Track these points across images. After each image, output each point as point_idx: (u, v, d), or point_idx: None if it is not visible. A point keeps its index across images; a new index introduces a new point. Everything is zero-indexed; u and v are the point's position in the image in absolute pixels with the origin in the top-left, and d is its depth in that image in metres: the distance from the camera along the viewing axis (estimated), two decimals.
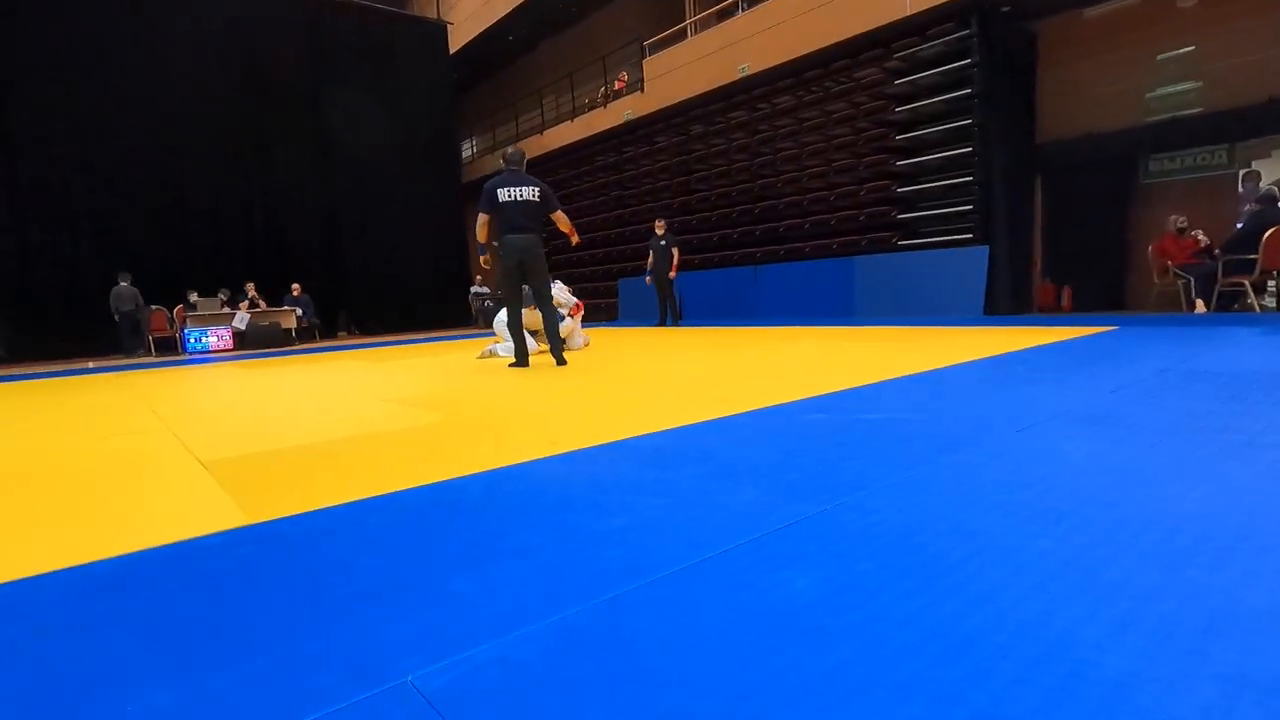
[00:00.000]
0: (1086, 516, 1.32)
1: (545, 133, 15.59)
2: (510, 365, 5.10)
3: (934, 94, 8.79)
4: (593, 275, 14.80)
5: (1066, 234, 9.26)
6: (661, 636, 0.94)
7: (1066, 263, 9.25)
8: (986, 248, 8.26)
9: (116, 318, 10.64)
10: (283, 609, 1.10)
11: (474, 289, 15.84)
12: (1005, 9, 8.30)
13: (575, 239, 5.55)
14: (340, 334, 14.42)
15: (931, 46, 8.68)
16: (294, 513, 1.63)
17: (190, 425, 3.17)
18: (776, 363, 4.42)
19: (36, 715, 0.83)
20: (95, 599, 1.18)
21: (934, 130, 8.80)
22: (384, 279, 15.09)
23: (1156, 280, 7.63)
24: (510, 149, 5.20)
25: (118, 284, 10.82)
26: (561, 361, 5.07)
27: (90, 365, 9.28)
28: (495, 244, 4.96)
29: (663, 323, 10.10)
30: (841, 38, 9.30)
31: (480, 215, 4.92)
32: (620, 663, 0.88)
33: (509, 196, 4.85)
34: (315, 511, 1.63)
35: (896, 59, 9.04)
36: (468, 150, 20.02)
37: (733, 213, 11.63)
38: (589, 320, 14.00)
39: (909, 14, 8.50)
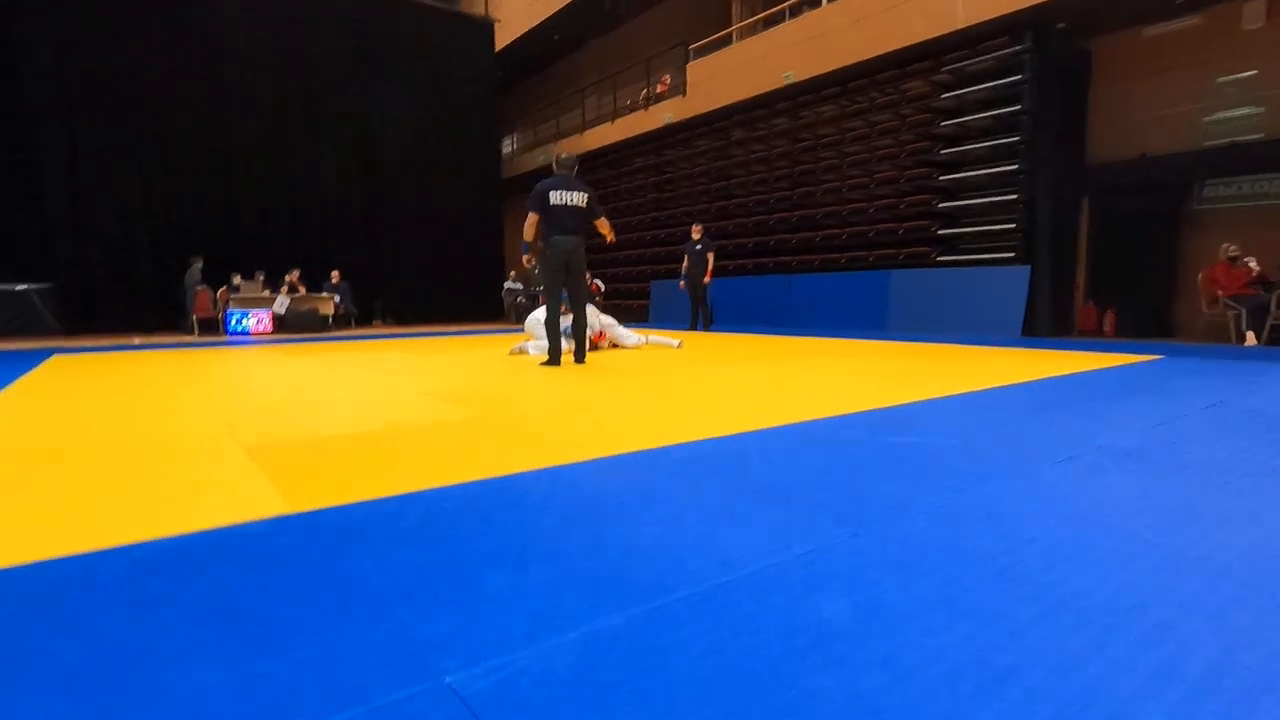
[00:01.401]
0: (1127, 557, 1.30)
1: (585, 133, 15.68)
2: (541, 364, 5.16)
3: (982, 109, 8.65)
4: (625, 276, 14.85)
5: (1112, 257, 9.02)
6: (692, 654, 0.95)
7: (1111, 286, 9.01)
8: (1028, 267, 8.10)
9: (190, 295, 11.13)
10: (323, 600, 1.13)
11: (507, 284, 16.00)
12: (1061, 26, 8.13)
13: (611, 238, 5.63)
14: (375, 322, 14.68)
15: (982, 61, 8.54)
16: (333, 504, 1.67)
17: (232, 406, 3.26)
18: (808, 376, 4.39)
19: (92, 688, 0.87)
20: (147, 578, 1.23)
21: (980, 146, 8.66)
22: (420, 270, 15.32)
23: (1206, 309, 7.40)
24: (563, 153, 5.29)
25: (190, 266, 11.25)
26: (580, 360, 5.23)
27: (136, 341, 9.59)
28: (540, 244, 5.04)
29: (694, 327, 10.10)
30: (890, 49, 9.20)
31: (530, 215, 4.96)
32: (652, 679, 0.89)
33: (560, 200, 4.95)
34: (353, 505, 1.67)
35: (945, 72, 8.92)
36: (508, 147, 20.22)
37: (770, 220, 11.57)
38: (623, 322, 14.04)
39: (961, 27, 8.37)
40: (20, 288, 10.81)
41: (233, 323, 10.97)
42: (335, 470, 2.02)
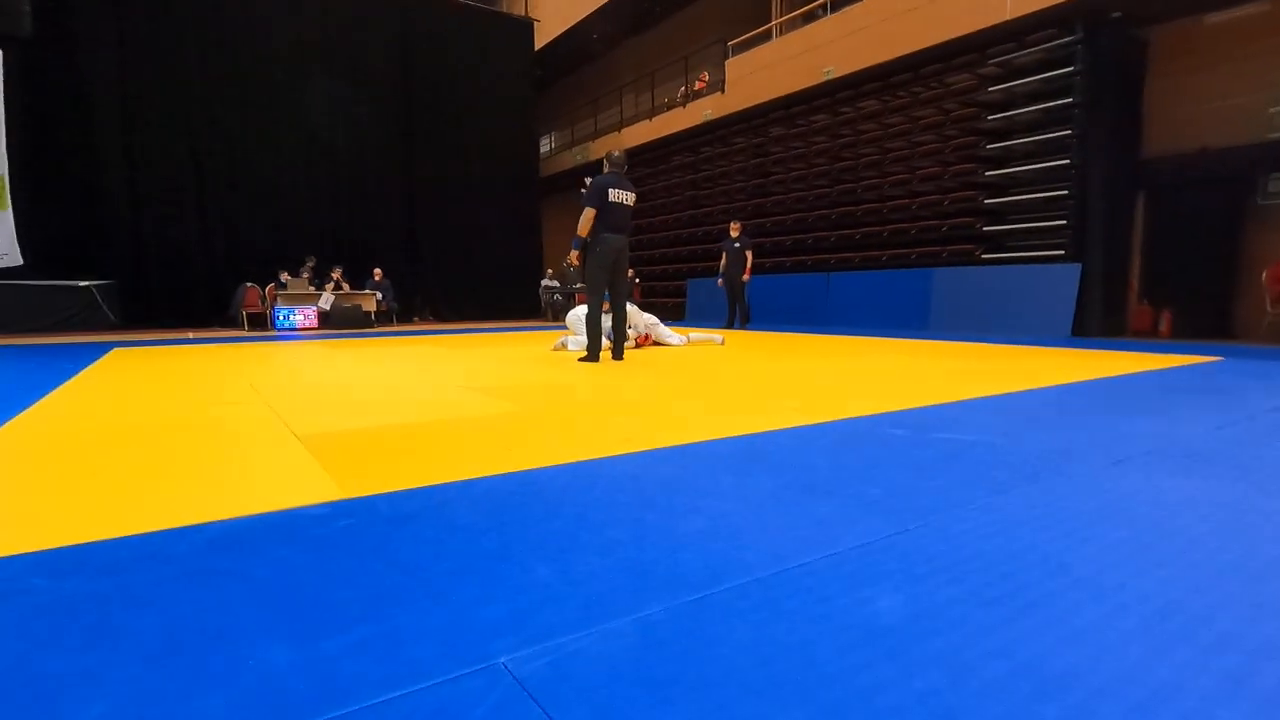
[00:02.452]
0: (1193, 561, 1.26)
1: (623, 130, 15.72)
2: (580, 359, 5.21)
3: (1031, 102, 8.41)
4: (663, 274, 14.85)
5: (1169, 254, 8.69)
6: (744, 643, 0.95)
7: (1167, 285, 8.67)
8: (1079, 265, 7.85)
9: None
10: (380, 582, 1.17)
11: (544, 282, 16.13)
12: (1116, 15, 7.85)
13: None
14: (415, 319, 14.96)
15: (1031, 53, 8.30)
16: (383, 491, 1.72)
17: (283, 399, 3.37)
18: (848, 373, 4.33)
19: (171, 660, 0.91)
20: (214, 557, 1.28)
21: (1028, 140, 8.42)
22: (458, 268, 15.55)
23: (1270, 309, 7.08)
24: (616, 151, 5.30)
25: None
26: (619, 356, 5.27)
27: (189, 335, 9.95)
28: (591, 241, 5.04)
29: (730, 325, 10.05)
30: (934, 42, 9.01)
31: (587, 210, 4.95)
32: (705, 666, 0.90)
33: (616, 198, 4.99)
34: (403, 491, 1.71)
35: (992, 64, 8.69)
36: (546, 146, 20.39)
37: (808, 217, 11.44)
38: (663, 319, 14.04)
39: (1008, 19, 8.15)
40: (83, 284, 11.29)
41: (280, 319, 11.29)
42: (385, 459, 2.07)
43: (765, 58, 11.74)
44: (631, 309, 6.75)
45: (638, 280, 14.34)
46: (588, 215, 4.96)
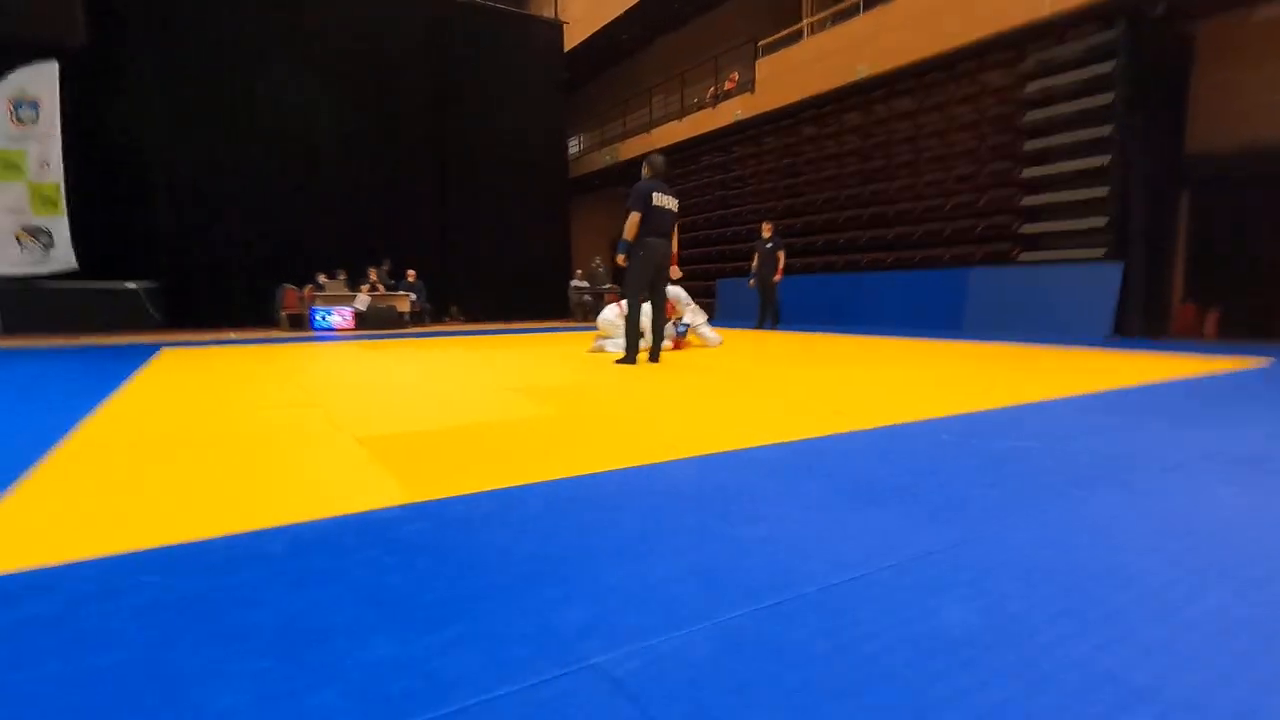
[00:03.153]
0: (1263, 573, 1.26)
1: (653, 131, 15.76)
2: (616, 361, 5.27)
3: (1071, 99, 8.27)
4: (692, 275, 14.86)
5: (1215, 253, 8.46)
6: (820, 651, 0.99)
7: (1213, 285, 8.45)
8: (1120, 265, 7.70)
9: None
10: (463, 583, 1.22)
11: (574, 283, 16.24)
12: (1160, 9, 7.68)
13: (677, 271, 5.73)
14: (446, 319, 15.18)
15: (1071, 48, 8.16)
16: (449, 494, 1.78)
17: (334, 401, 3.47)
18: (886, 377, 4.33)
19: (286, 655, 0.98)
20: (306, 558, 1.35)
21: (1068, 139, 8.27)
22: (489, 268, 15.75)
23: None
24: (657, 157, 5.39)
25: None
26: (655, 359, 5.35)
27: (232, 336, 10.23)
28: (635, 245, 5.11)
29: (761, 325, 10.04)
30: (970, 39, 8.90)
31: (633, 214, 5.02)
32: (785, 671, 0.93)
33: (660, 202, 5.08)
34: (468, 495, 1.78)
35: (1031, 61, 8.56)
36: (575, 146, 20.52)
37: (839, 218, 11.38)
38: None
39: (1048, 14, 8.02)
40: (129, 285, 11.67)
41: (318, 319, 11.55)
42: (442, 462, 2.14)
43: (796, 57, 11.69)
44: (682, 296, 6.79)
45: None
46: (633, 220, 5.01)
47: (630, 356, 5.20)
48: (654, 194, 5.04)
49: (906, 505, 1.67)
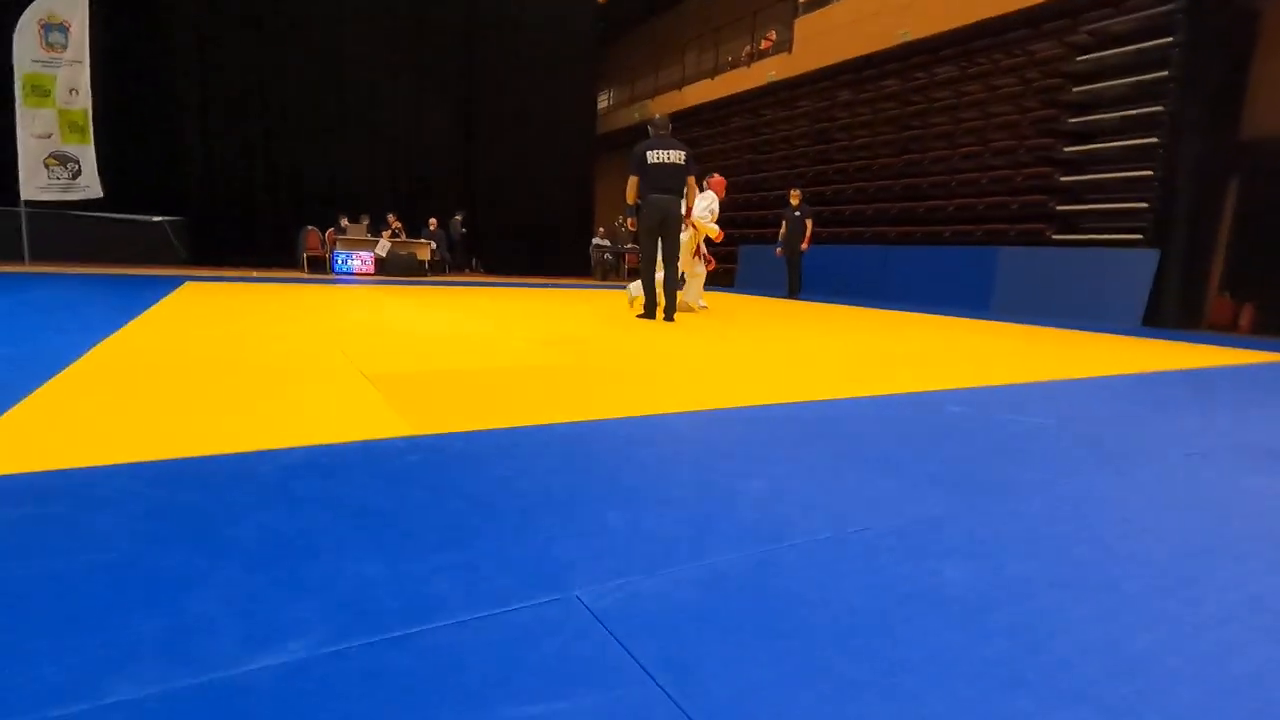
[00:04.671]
0: (1277, 559, 1.21)
1: (684, 89, 15.40)
2: (638, 316, 5.30)
3: (1122, 75, 7.91)
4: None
5: (1259, 245, 8.16)
6: (810, 599, 0.97)
7: (1253, 277, 8.17)
8: (1157, 251, 7.46)
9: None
10: (456, 514, 1.22)
11: (595, 241, 16.12)
12: None
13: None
14: (466, 270, 15.17)
15: (1127, 20, 7.78)
16: (451, 430, 1.77)
17: (348, 339, 3.48)
18: (904, 348, 4.25)
19: (274, 569, 0.97)
20: (298, 481, 1.35)
21: (1115, 115, 7.95)
22: (512, 222, 15.65)
23: None
24: (657, 115, 5.48)
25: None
26: (670, 319, 5.31)
27: (254, 274, 10.31)
28: (639, 204, 5.22)
29: (792, 294, 9.88)
30: (1022, 6, 8.51)
31: (630, 178, 5.15)
32: (771, 616, 0.91)
33: (657, 159, 5.14)
34: (471, 432, 1.77)
35: (1084, 32, 8.18)
36: (604, 102, 20.13)
37: (870, 188, 11.11)
38: (710, 284, 13.95)
39: None
40: (156, 219, 11.77)
41: (339, 262, 11.59)
42: (450, 400, 2.13)
43: (837, 17, 11.28)
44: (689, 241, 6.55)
45: (713, 263, 14.20)
46: (631, 183, 5.17)
47: (649, 312, 5.24)
48: (649, 152, 5.12)
49: (912, 472, 1.63)
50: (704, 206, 6.23)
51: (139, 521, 1.11)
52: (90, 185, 9.52)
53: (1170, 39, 7.43)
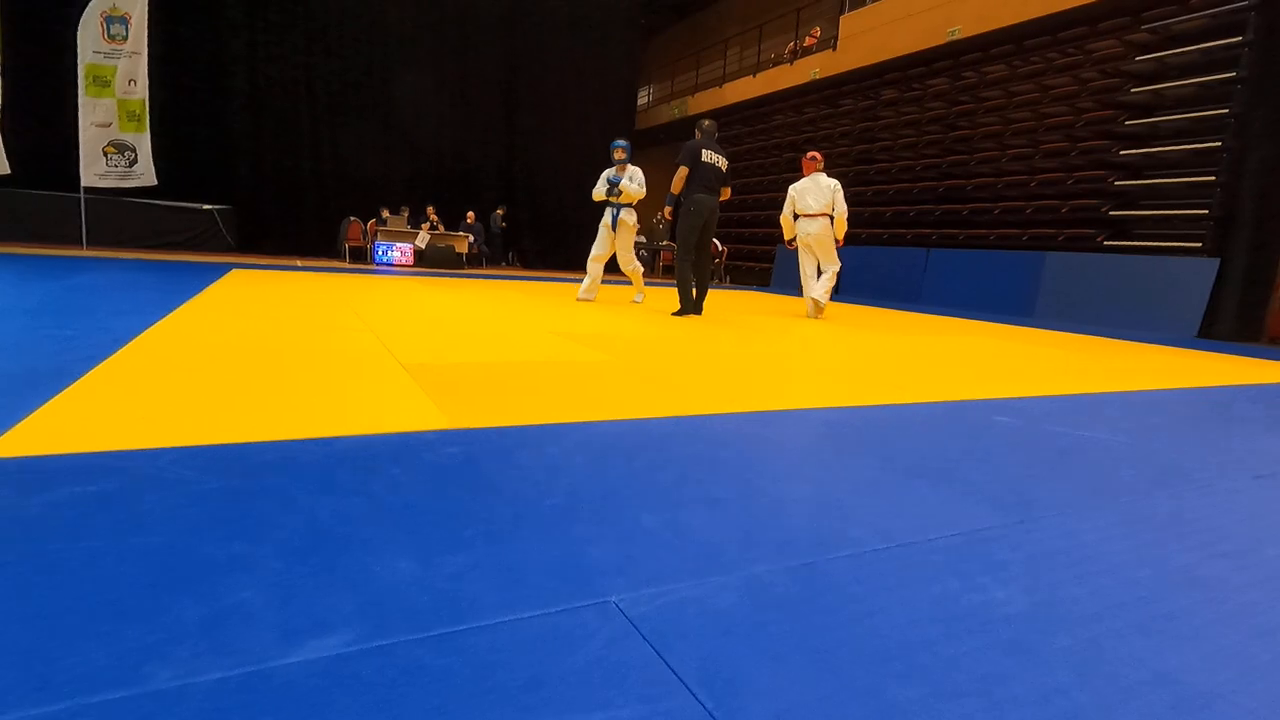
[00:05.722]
0: None
1: (725, 85, 15.28)
2: (673, 314, 5.35)
3: (1186, 75, 7.60)
4: (751, 238, 14.54)
5: None
6: (855, 614, 0.93)
7: None
8: (1217, 260, 7.15)
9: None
10: (491, 511, 1.21)
11: None
12: None
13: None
14: (503, 264, 15.30)
15: (1194, 19, 7.46)
16: (488, 425, 1.77)
17: (388, 329, 3.52)
18: (945, 353, 4.14)
19: (312, 559, 0.98)
20: (338, 471, 1.36)
21: (1177, 118, 7.63)
22: (550, 216, 15.72)
23: None
24: (706, 122, 5.62)
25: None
26: (699, 311, 5.47)
27: (298, 263, 10.54)
28: (682, 199, 5.33)
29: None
30: (1079, 3, 8.22)
31: (681, 168, 5.26)
32: (815, 631, 0.88)
33: (709, 159, 5.30)
34: (508, 427, 1.76)
35: (1145, 30, 7.87)
36: (643, 98, 20.09)
37: (913, 188, 10.87)
38: (744, 284, 13.85)
39: None
40: (205, 207, 12.12)
41: (379, 254, 11.79)
42: (486, 394, 2.14)
43: (885, 13, 11.05)
44: (628, 247, 6.40)
45: (724, 249, 14.12)
46: (681, 173, 5.28)
47: (685, 308, 5.30)
48: (703, 151, 5.26)
49: (959, 484, 1.58)
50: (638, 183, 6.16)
51: (184, 506, 1.13)
52: (145, 173, 9.84)
53: (1239, 38, 7.10)
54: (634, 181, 5.93)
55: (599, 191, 5.99)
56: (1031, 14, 8.75)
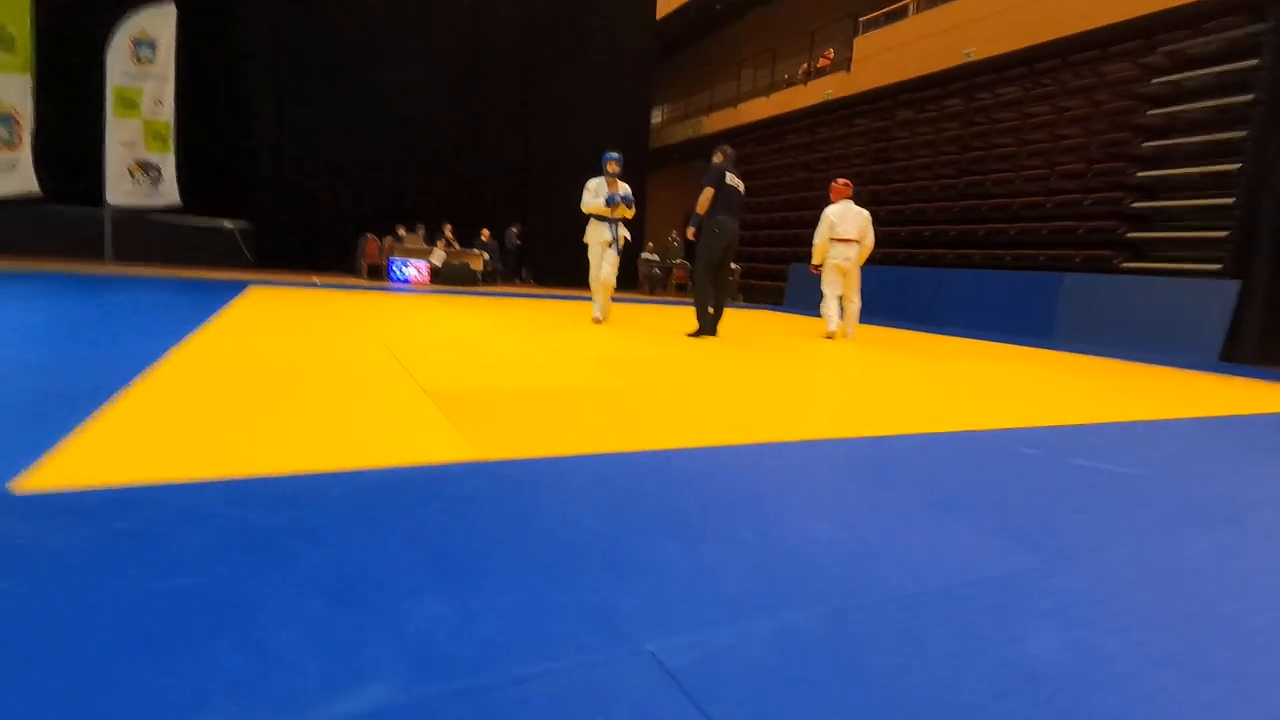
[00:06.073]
0: None
1: (739, 106, 15.40)
2: (689, 334, 5.38)
3: (1201, 98, 7.58)
4: (765, 257, 14.56)
5: None
6: (890, 666, 0.92)
7: None
8: (1237, 283, 7.08)
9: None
10: (520, 548, 1.21)
11: (644, 255, 16.18)
12: None
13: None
14: (517, 281, 15.40)
15: (1208, 42, 7.45)
16: (512, 456, 1.77)
17: (407, 351, 3.55)
18: (964, 378, 4.11)
19: (345, 601, 0.98)
20: (367, 504, 1.36)
21: (1193, 140, 7.60)
22: (564, 234, 15.81)
23: None
24: (728, 147, 5.69)
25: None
26: (714, 331, 5.49)
27: (315, 280, 10.66)
28: (704, 220, 5.39)
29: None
30: (1092, 26, 8.24)
31: (707, 189, 5.32)
32: (850, 683, 0.87)
33: (732, 182, 5.40)
34: (532, 459, 1.77)
35: (1159, 54, 7.87)
36: (656, 117, 20.26)
37: (927, 209, 10.87)
38: (756, 302, 13.85)
39: (1186, 2, 7.33)
40: (227, 225, 12.32)
41: (395, 271, 11.90)
42: (509, 421, 2.14)
43: (899, 35, 11.13)
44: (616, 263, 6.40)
45: (737, 267, 14.14)
46: (707, 194, 5.33)
47: (703, 329, 5.42)
48: (727, 174, 5.34)
49: (988, 519, 1.56)
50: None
51: (220, 543, 1.14)
52: (170, 191, 10.02)
53: (1255, 61, 7.08)
54: (629, 198, 6.04)
55: (596, 204, 5.97)
56: (1044, 37, 8.79)
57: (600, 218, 5.96)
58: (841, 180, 6.59)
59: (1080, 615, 1.12)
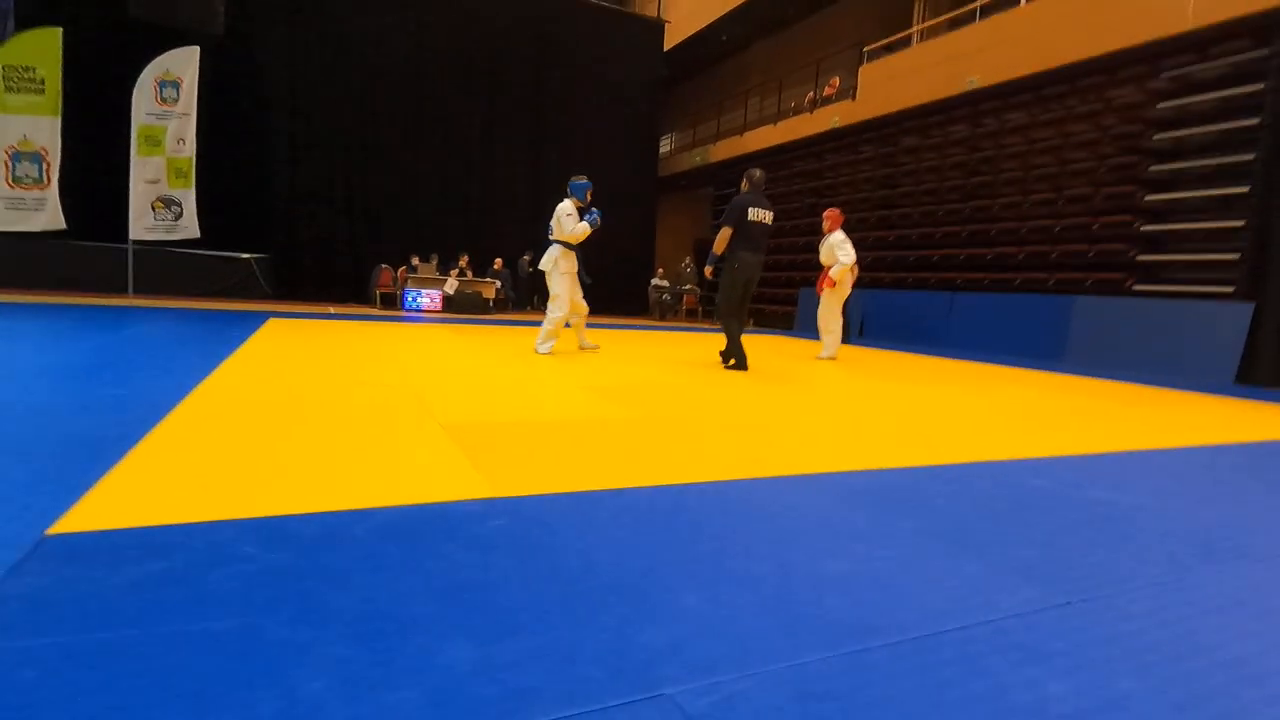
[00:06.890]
0: None
1: (746, 134, 15.58)
2: (728, 367, 5.29)
3: (1208, 121, 7.61)
4: (774, 282, 14.61)
5: None
6: (914, 713, 0.94)
7: None
8: (1252, 305, 7.03)
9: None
10: (540, 589, 1.23)
11: (655, 281, 16.29)
12: None
13: None
14: (528, 308, 15.53)
15: (1213, 66, 7.51)
16: (529, 493, 1.80)
17: (423, 383, 3.60)
18: (975, 406, 4.10)
19: (369, 645, 1.01)
20: (389, 545, 1.39)
21: (1201, 164, 7.62)
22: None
23: None
24: (756, 170, 5.40)
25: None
26: (744, 366, 5.27)
27: (331, 310, 10.81)
28: (725, 257, 5.20)
29: (847, 339, 9.74)
30: (1098, 52, 8.32)
31: (724, 229, 5.06)
32: None
33: (756, 217, 5.07)
34: (549, 495, 1.79)
35: (1165, 78, 7.93)
36: (665, 145, 20.53)
37: (936, 234, 10.91)
38: (766, 327, 13.88)
39: (1190, 28, 7.40)
40: (244, 256, 12.54)
41: (409, 300, 12.05)
42: (524, 457, 2.17)
43: (903, 64, 11.27)
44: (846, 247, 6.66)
45: None
46: (724, 234, 5.05)
47: (740, 364, 5.22)
48: (750, 209, 5.01)
49: (1001, 555, 1.57)
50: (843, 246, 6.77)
51: (247, 586, 1.17)
52: (190, 226, 10.25)
53: (1260, 85, 7.12)
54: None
55: (581, 230, 6.03)
56: (1048, 64, 8.87)
57: (569, 246, 5.99)
58: (838, 210, 7.05)
59: (1096, 658, 1.13)
